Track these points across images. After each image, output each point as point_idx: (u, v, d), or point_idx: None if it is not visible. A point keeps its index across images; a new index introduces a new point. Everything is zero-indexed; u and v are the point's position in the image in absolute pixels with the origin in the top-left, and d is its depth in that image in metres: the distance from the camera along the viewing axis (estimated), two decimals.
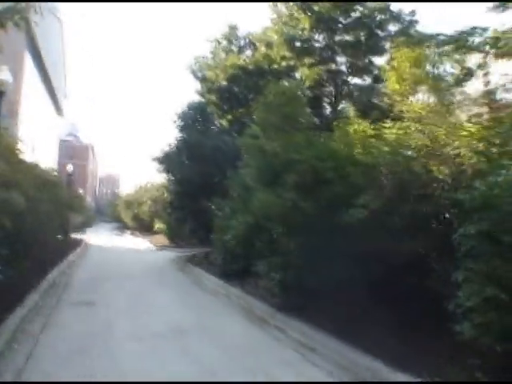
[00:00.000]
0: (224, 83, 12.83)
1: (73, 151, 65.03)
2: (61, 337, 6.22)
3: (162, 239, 27.84)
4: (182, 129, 15.94)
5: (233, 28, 15.00)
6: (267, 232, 8.03)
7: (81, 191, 57.16)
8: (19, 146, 8.82)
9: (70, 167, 30.72)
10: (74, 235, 30.05)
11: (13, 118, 15.78)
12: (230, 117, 13.40)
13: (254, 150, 6.30)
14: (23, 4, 5.97)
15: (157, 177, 37.54)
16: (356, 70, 12.48)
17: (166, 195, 34.23)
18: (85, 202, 31.73)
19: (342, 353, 5.54)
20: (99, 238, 33.38)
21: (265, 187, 6.42)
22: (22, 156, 9.64)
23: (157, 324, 7.13)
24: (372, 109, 11.19)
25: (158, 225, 32.17)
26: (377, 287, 6.02)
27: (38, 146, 22.73)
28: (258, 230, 8.06)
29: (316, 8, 11.93)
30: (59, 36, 27.86)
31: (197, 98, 16.52)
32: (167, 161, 16.41)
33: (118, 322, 7.30)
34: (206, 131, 15.33)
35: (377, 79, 12.24)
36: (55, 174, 14.80)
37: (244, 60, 12.90)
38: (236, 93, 12.62)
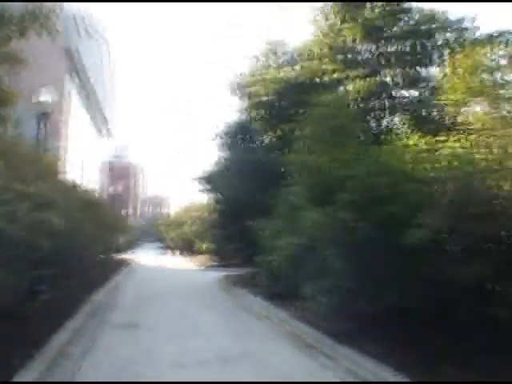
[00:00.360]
0: (267, 98, 12.57)
1: (120, 172, 66.67)
2: (103, 362, 6.01)
3: (204, 259, 27.78)
4: (225, 147, 15.81)
5: (272, 44, 14.73)
6: (315, 253, 7.63)
7: (128, 211, 58.51)
8: (61, 166, 8.84)
9: (115, 188, 31.37)
10: (120, 255, 30.70)
11: (57, 139, 16.24)
12: (273, 133, 13.04)
13: (302, 167, 5.95)
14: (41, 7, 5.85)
15: (199, 197, 37.94)
16: (407, 81, 11.92)
17: (206, 214, 34.51)
18: (129, 223, 32.22)
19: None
20: (143, 257, 33.79)
21: (314, 206, 6.05)
22: (64, 176, 9.76)
23: (201, 350, 6.80)
24: (426, 121, 10.63)
25: (201, 244, 32.18)
26: (433, 313, 5.52)
27: (83, 167, 23.40)
28: (305, 251, 7.66)
29: (366, 15, 11.54)
30: (107, 57, 28.81)
31: (237, 116, 16.48)
32: (211, 180, 16.28)
33: (162, 346, 7.04)
34: (248, 149, 15.14)
35: (431, 90, 11.66)
36: (96, 194, 14.92)
37: (285, 74, 12.60)
38: (280, 108, 12.27)
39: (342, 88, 12.20)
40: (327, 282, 6.98)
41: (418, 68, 12.33)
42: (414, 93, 12.48)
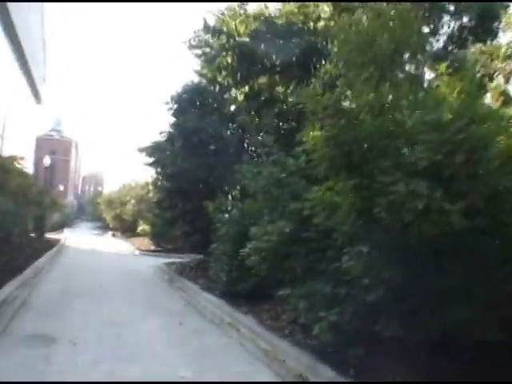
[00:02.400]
0: (243, 40, 9.92)
1: (54, 146, 61.84)
2: None
3: (146, 242, 25.17)
4: (176, 114, 13.24)
5: None
6: (311, 244, 5.54)
7: (61, 188, 54.19)
8: None
9: (47, 160, 27.91)
10: (51, 235, 27.36)
11: None
12: (246, 89, 10.48)
13: (325, 111, 3.77)
14: None
15: (142, 175, 34.89)
16: None
17: (151, 194, 31.63)
18: (62, 200, 28.82)
19: None
20: (78, 238, 30.55)
21: (336, 175, 3.89)
22: None
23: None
24: None
25: (143, 226, 29.40)
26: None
27: (9, 134, 19.88)
28: (296, 242, 5.53)
29: None
30: (38, 13, 24.99)
31: (192, 80, 13.96)
32: (157, 152, 13.64)
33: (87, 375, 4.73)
34: (204, 116, 12.71)
35: None
36: (19, 162, 12.01)
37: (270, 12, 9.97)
38: (258, 53, 9.70)
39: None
40: (333, 289, 4.91)
41: None
42: None
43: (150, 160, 14.02)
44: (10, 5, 16.34)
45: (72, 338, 6.20)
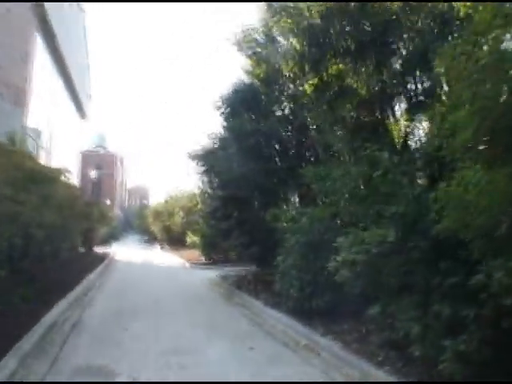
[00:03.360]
0: (315, 21, 8.59)
1: (99, 160, 62.68)
2: None
3: (195, 254, 24.39)
4: (229, 116, 12.30)
5: None
6: (415, 256, 4.41)
7: (108, 202, 54.72)
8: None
9: (93, 173, 27.76)
10: (99, 249, 27.15)
11: (18, 107, 12.63)
12: (314, 76, 9.18)
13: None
14: None
15: (189, 186, 34.34)
16: None
17: (200, 206, 30.94)
18: (110, 213, 28.59)
19: None
20: (126, 251, 30.32)
21: (490, 160, 2.79)
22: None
23: None
24: None
25: (191, 238, 28.71)
26: None
27: (55, 149, 19.68)
28: (398, 252, 4.41)
29: None
30: (81, 29, 24.96)
31: (242, 80, 13.00)
32: (209, 158, 12.73)
33: None
34: (259, 118, 11.73)
35: None
36: (65, 175, 11.35)
37: None
38: (331, 35, 8.33)
39: None
40: (454, 310, 3.78)
41: None
42: None
43: (202, 168, 13.15)
44: (54, 22, 16.11)
45: (131, 372, 5.31)
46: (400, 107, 8.38)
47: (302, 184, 11.05)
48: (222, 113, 12.57)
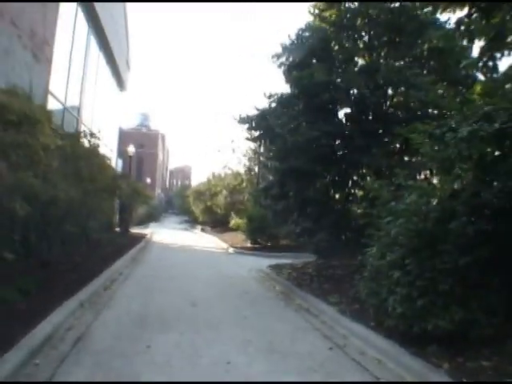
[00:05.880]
0: None
1: (142, 139, 61.59)
2: None
3: (239, 238, 22.16)
4: (294, 67, 9.57)
5: None
6: None
7: (149, 181, 53.40)
8: None
9: (131, 149, 25.82)
10: (137, 229, 25.34)
11: (41, 64, 10.37)
12: None
13: None
14: None
15: (233, 164, 32.00)
16: None
17: (245, 184, 28.51)
18: (146, 190, 26.60)
19: None
20: (165, 233, 28.43)
21: None
22: None
23: None
24: None
25: (235, 220, 26.43)
26: None
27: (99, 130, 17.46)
28: None
29: None
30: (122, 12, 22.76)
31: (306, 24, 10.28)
32: (264, 121, 10.07)
33: None
34: (331, 70, 9.02)
35: None
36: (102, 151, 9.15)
37: None
38: None
39: None
40: None
41: None
42: None
43: (255, 133, 10.54)
44: None
45: None
46: None
47: (390, 153, 8.36)
48: (283, 64, 9.93)
